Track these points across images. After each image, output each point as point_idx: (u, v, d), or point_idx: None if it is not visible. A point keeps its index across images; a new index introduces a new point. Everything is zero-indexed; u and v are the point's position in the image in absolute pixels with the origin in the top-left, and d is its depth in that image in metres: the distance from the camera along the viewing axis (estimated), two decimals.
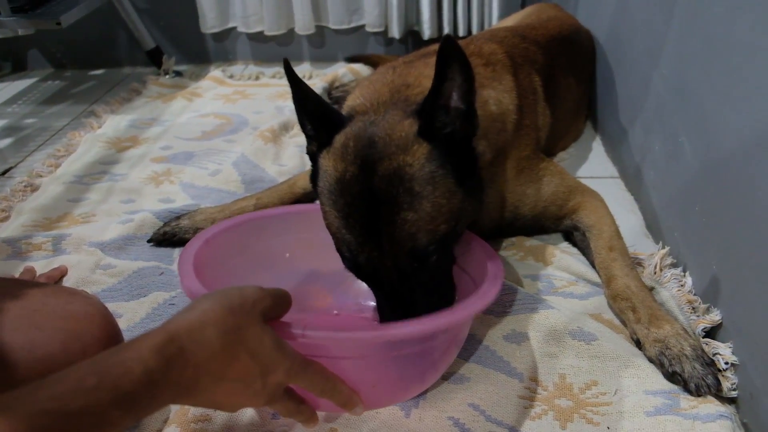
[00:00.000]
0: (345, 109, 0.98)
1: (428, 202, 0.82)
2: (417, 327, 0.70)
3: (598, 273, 1.12)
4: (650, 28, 1.29)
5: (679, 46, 1.14)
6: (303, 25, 2.20)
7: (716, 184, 0.98)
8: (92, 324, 0.79)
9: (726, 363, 0.90)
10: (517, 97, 1.13)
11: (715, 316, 0.96)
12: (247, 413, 0.88)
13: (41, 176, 1.59)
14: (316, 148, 0.91)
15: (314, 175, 0.91)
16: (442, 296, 0.86)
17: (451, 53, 0.78)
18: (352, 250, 0.83)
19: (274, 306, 0.67)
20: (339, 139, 0.87)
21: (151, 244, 1.28)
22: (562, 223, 1.22)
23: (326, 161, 0.87)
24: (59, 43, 2.44)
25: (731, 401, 0.89)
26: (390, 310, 0.84)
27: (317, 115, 0.89)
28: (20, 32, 2.26)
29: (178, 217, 1.31)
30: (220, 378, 0.60)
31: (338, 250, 0.87)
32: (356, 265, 0.85)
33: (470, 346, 0.99)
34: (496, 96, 1.10)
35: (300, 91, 0.88)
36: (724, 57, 0.96)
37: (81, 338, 0.77)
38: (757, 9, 0.85)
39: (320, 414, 0.81)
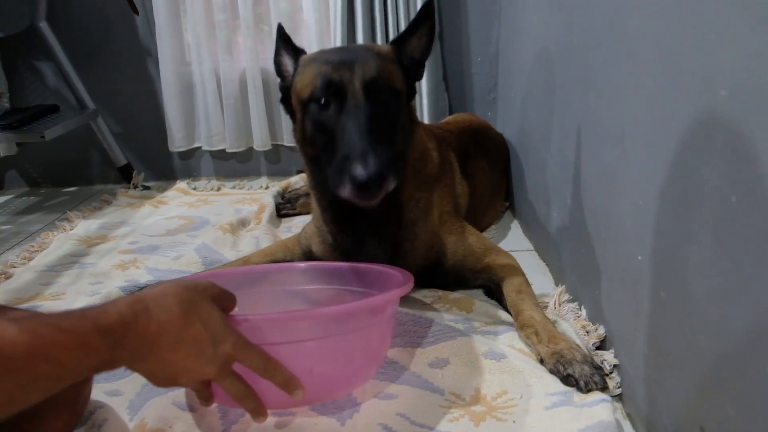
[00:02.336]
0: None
1: (387, 67, 1.19)
2: (348, 305, 0.87)
3: (509, 313, 1.30)
4: (541, 122, 1.60)
5: (560, 129, 1.43)
6: (261, 142, 2.49)
7: (594, 229, 1.21)
8: None
9: (610, 365, 1.07)
10: (438, 154, 1.45)
11: (600, 331, 1.15)
12: (205, 422, 1.00)
13: (15, 267, 1.73)
14: (292, 67, 1.28)
15: (287, 97, 1.28)
16: (386, 147, 1.10)
17: (431, 13, 1.26)
18: (326, 74, 1.14)
19: (222, 295, 0.85)
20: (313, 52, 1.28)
21: None
22: (479, 277, 1.42)
23: (309, 56, 1.27)
24: (37, 164, 2.66)
25: (618, 398, 1.05)
26: (355, 131, 1.09)
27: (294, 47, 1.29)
28: (2, 154, 2.51)
29: (140, 289, 1.47)
30: (179, 341, 0.76)
31: (308, 100, 1.18)
32: (330, 84, 1.14)
33: (399, 373, 1.13)
34: (429, 143, 1.44)
35: (288, 37, 1.29)
36: (586, 130, 1.23)
37: None
38: (599, 88, 1.14)
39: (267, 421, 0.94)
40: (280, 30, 1.32)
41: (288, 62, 1.31)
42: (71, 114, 2.37)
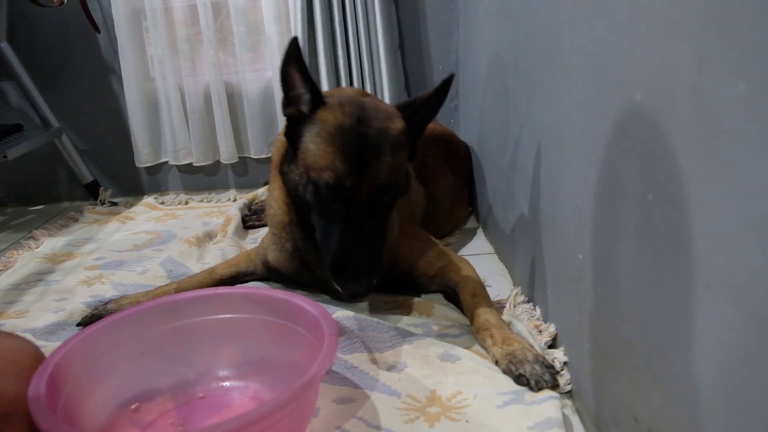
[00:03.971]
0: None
1: (397, 156, 1.18)
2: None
3: (466, 316, 1.33)
4: (497, 128, 1.64)
5: (512, 134, 1.47)
6: (227, 155, 2.50)
7: (542, 230, 1.25)
8: (26, 354, 0.95)
9: (561, 363, 1.11)
10: None
11: (552, 329, 1.18)
12: None
13: None
14: (307, 108, 1.19)
15: (292, 132, 1.22)
16: (377, 251, 1.19)
17: (448, 88, 1.24)
18: (341, 176, 1.14)
19: None
20: (333, 101, 1.19)
21: (80, 327, 1.43)
22: (434, 282, 1.44)
23: (325, 114, 1.17)
24: (2, 184, 2.65)
25: (569, 395, 1.09)
26: (353, 235, 1.15)
27: (308, 82, 1.18)
28: None
29: (105, 303, 1.47)
30: None
31: (316, 182, 1.16)
32: (340, 188, 1.14)
33: (357, 377, 1.16)
34: None
35: (301, 61, 1.16)
36: (533, 134, 1.27)
37: (16, 363, 0.92)
38: (541, 94, 1.18)
39: None
40: (295, 44, 1.14)
41: (302, 91, 1.20)
42: (35, 133, 2.37)
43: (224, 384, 1.16)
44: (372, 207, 1.17)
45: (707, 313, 0.60)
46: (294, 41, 1.13)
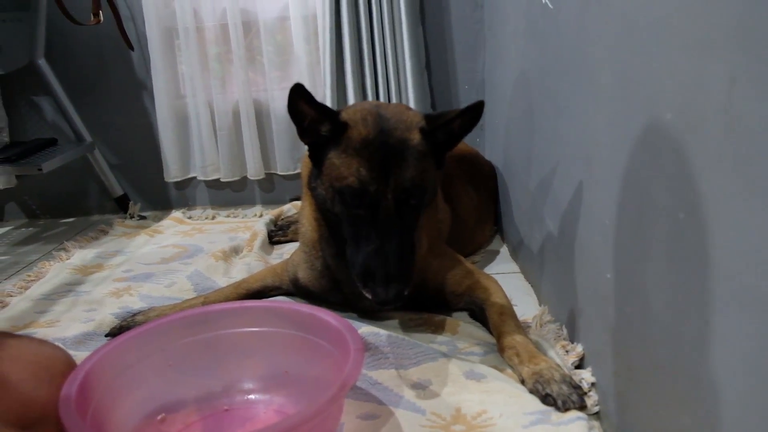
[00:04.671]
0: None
1: (420, 163, 1.20)
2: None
3: (492, 335, 1.33)
4: (522, 147, 1.64)
5: (537, 153, 1.47)
6: (254, 172, 2.54)
7: (569, 249, 1.24)
8: (59, 361, 0.97)
9: (588, 384, 1.10)
10: None
11: (579, 350, 1.17)
12: None
13: (11, 296, 1.77)
14: (328, 132, 1.22)
15: (315, 154, 1.26)
16: (407, 258, 1.18)
17: (479, 114, 1.23)
18: (366, 182, 1.17)
19: None
20: (355, 117, 1.21)
21: (109, 338, 1.45)
22: (461, 300, 1.44)
23: (349, 132, 1.21)
24: (36, 196, 2.71)
25: (597, 416, 1.07)
26: (382, 239, 1.16)
27: (321, 112, 1.22)
28: (1, 186, 2.56)
29: (133, 315, 1.50)
30: None
31: (341, 189, 1.19)
32: (365, 193, 1.17)
33: (382, 394, 1.16)
34: None
35: (312, 100, 1.19)
36: (559, 153, 1.27)
37: (49, 369, 0.94)
38: (568, 112, 1.18)
39: None
40: (299, 86, 1.18)
41: (316, 119, 1.23)
42: (69, 147, 2.43)
43: (249, 397, 1.16)
44: (398, 210, 1.18)
45: (739, 333, 0.59)
46: (298, 86, 1.18)
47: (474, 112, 1.23)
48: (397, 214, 1.18)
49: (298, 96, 1.18)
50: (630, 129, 0.84)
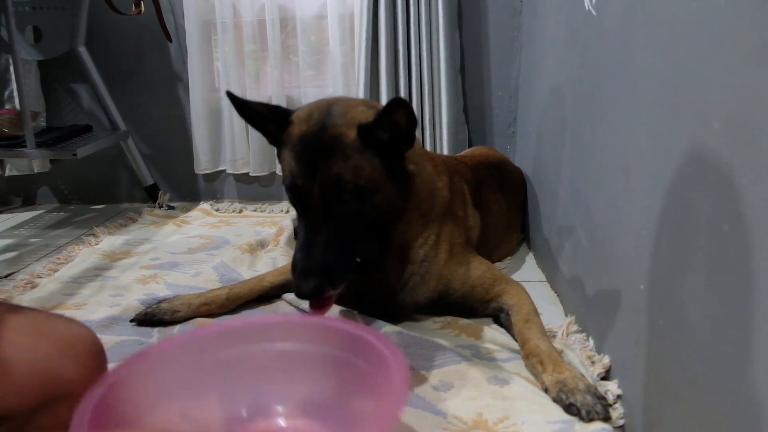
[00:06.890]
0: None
1: (351, 159, 1.15)
2: None
3: (517, 341, 1.31)
4: (553, 155, 1.62)
5: (570, 162, 1.45)
6: None
7: (600, 259, 1.22)
8: (84, 339, 0.97)
9: (614, 396, 1.08)
10: (448, 189, 1.45)
11: (606, 361, 1.15)
12: None
13: (41, 277, 1.79)
14: (279, 131, 1.23)
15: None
16: (332, 254, 1.14)
17: (402, 110, 1.13)
18: (295, 176, 1.17)
19: None
20: (303, 112, 1.22)
21: (134, 323, 1.47)
22: (489, 306, 1.43)
23: (291, 129, 1.20)
24: (68, 181, 2.76)
25: (621, 429, 1.05)
26: (307, 232, 1.15)
27: (268, 112, 1.26)
28: (36, 170, 2.61)
29: (159, 302, 1.51)
30: None
31: (285, 186, 1.21)
32: (294, 186, 1.17)
33: None
34: (437, 181, 1.43)
35: (246, 105, 1.25)
36: (594, 161, 1.26)
37: (74, 347, 0.94)
38: (608, 121, 1.17)
39: None
40: (231, 96, 1.26)
41: (268, 120, 1.27)
42: (103, 134, 2.46)
43: (278, 420, 1.05)
44: (327, 206, 1.16)
45: None
46: (228, 94, 1.25)
47: (395, 109, 1.13)
48: (324, 209, 1.15)
49: (237, 105, 1.26)
50: (673, 138, 0.82)
